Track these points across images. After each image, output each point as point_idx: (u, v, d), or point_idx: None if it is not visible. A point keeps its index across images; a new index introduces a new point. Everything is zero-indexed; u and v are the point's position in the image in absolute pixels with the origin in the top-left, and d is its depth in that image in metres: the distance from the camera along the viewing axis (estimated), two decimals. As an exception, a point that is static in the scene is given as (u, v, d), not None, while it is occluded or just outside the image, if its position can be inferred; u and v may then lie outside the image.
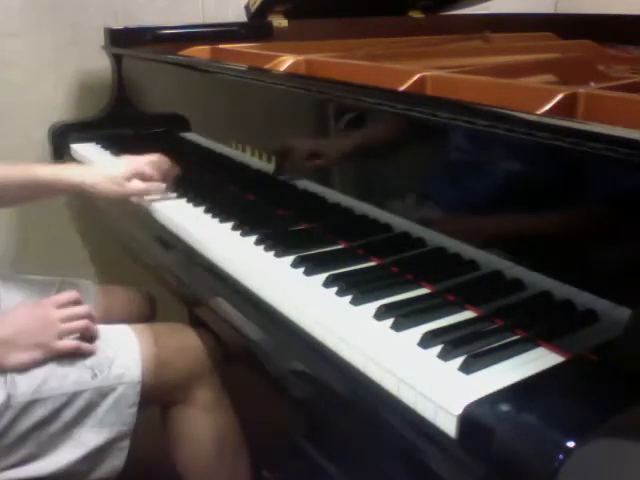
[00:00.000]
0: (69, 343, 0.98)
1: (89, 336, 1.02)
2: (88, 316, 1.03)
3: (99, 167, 1.25)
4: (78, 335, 1.01)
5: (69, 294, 1.05)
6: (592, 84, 1.04)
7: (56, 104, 1.75)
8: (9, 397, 0.93)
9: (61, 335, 0.98)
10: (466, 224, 0.84)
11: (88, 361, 0.99)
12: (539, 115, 0.77)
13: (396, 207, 0.93)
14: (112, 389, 0.98)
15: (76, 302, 1.04)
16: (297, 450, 1.25)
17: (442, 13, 1.92)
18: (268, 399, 1.01)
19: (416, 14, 1.86)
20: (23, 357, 0.95)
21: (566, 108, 0.82)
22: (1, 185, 1.13)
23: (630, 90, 0.87)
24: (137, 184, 1.18)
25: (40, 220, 1.80)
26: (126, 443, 1.00)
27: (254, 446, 1.15)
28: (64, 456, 0.97)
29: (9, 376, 0.95)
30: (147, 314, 1.32)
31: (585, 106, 0.82)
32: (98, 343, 1.02)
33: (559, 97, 0.82)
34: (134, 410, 1.00)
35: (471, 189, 0.82)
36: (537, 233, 0.75)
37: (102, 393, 0.98)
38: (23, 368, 0.95)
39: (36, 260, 1.77)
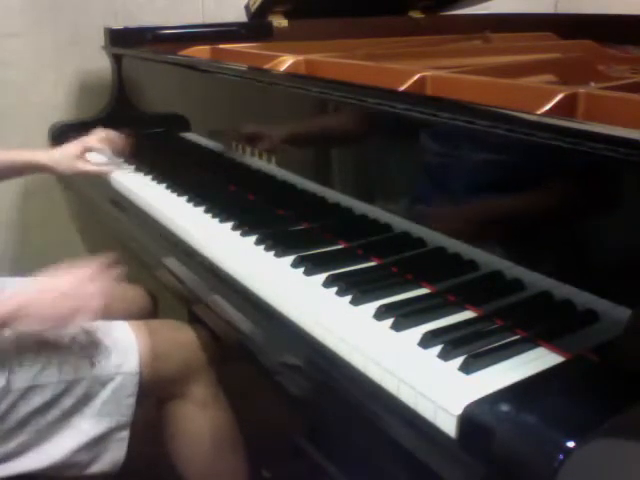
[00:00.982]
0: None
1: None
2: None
3: (58, 149, 1.43)
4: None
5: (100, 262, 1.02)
6: (592, 84, 1.04)
7: (56, 104, 1.75)
8: (9, 382, 0.94)
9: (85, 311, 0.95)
10: (466, 224, 0.84)
11: (87, 350, 1.01)
12: (539, 115, 0.77)
13: (396, 207, 0.93)
14: (110, 379, 1.00)
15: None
16: (297, 450, 1.24)
17: (442, 13, 1.92)
18: (268, 399, 1.01)
19: (416, 14, 1.86)
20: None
21: (566, 108, 0.82)
22: None
23: (630, 90, 0.87)
24: (90, 160, 1.36)
25: (40, 220, 1.80)
26: (125, 434, 1.02)
27: (254, 446, 1.15)
28: (63, 444, 0.98)
29: (8, 362, 0.96)
30: (147, 312, 1.33)
31: (585, 106, 0.82)
32: (97, 335, 1.04)
33: (559, 97, 0.82)
34: (132, 401, 1.01)
35: (471, 189, 0.82)
36: (537, 233, 0.75)
37: (101, 382, 0.99)
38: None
39: (36, 260, 1.76)
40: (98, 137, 1.39)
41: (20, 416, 0.95)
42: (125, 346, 1.03)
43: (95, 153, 1.40)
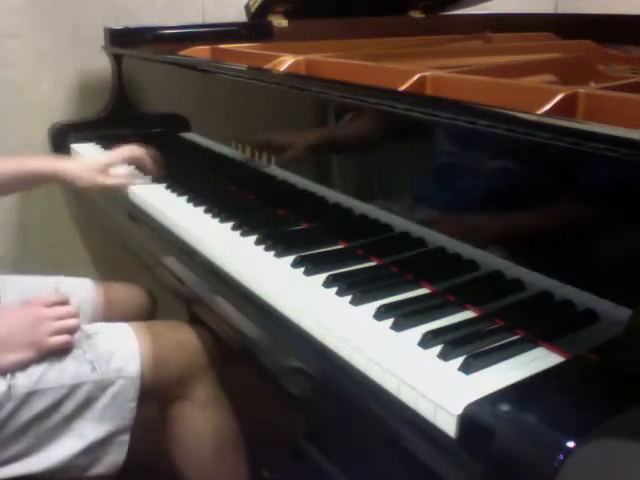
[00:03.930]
0: (60, 339, 0.98)
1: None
2: (76, 315, 1.03)
3: (83, 159, 1.35)
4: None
5: (57, 295, 1.06)
6: (592, 84, 1.04)
7: (56, 104, 1.75)
8: (10, 388, 0.94)
9: (52, 333, 0.98)
10: (466, 224, 0.84)
11: (87, 354, 1.00)
12: (539, 115, 0.77)
13: (396, 207, 0.93)
14: (111, 383, 0.99)
15: (64, 302, 1.04)
16: (297, 450, 1.24)
17: (442, 13, 1.92)
18: (268, 399, 1.01)
19: (416, 14, 1.86)
20: (15, 357, 0.95)
21: (566, 108, 0.82)
22: None
23: (630, 90, 0.87)
24: (117, 173, 1.28)
25: (40, 220, 1.80)
26: (126, 438, 1.01)
27: (254, 446, 1.15)
28: (64, 449, 0.98)
29: None
30: (147, 312, 1.33)
31: (585, 106, 0.82)
32: (98, 339, 1.03)
33: (559, 97, 0.82)
34: (133, 405, 1.01)
35: (471, 189, 0.82)
36: (537, 233, 0.75)
37: (101, 387, 0.99)
38: (17, 368, 0.95)
39: (36, 260, 1.77)
40: (124, 154, 1.29)
41: (21, 422, 0.95)
42: (126, 350, 1.03)
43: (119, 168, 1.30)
